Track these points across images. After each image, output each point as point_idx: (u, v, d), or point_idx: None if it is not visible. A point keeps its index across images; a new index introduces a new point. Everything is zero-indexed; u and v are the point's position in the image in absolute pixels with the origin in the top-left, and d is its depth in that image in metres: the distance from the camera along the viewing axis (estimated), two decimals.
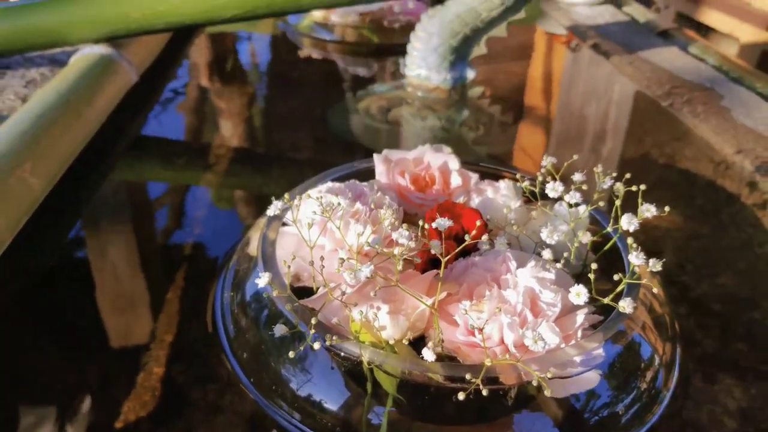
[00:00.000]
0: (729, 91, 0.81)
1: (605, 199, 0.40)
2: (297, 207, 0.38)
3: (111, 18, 0.71)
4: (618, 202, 0.38)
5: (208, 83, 0.90)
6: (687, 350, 0.43)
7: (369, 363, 0.32)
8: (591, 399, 0.35)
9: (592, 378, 0.32)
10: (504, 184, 0.45)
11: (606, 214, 0.43)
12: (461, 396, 0.29)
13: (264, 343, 0.38)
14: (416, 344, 0.34)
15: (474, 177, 0.47)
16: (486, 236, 0.37)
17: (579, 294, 0.32)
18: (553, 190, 0.39)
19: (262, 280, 0.34)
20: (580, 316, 0.33)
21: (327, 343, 0.32)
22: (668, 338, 0.41)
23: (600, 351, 0.33)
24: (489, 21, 0.71)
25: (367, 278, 0.31)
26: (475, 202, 0.45)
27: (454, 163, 0.48)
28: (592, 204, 0.40)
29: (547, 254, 0.37)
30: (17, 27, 0.73)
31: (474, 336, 0.32)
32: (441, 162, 0.48)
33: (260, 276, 0.35)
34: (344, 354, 0.33)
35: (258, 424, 0.37)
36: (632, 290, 0.36)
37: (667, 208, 0.37)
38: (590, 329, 0.34)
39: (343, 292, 0.33)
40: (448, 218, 0.38)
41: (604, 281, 0.36)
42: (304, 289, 0.38)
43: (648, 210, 0.36)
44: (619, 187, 0.39)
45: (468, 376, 0.30)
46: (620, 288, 0.34)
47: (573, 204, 0.39)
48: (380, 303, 0.32)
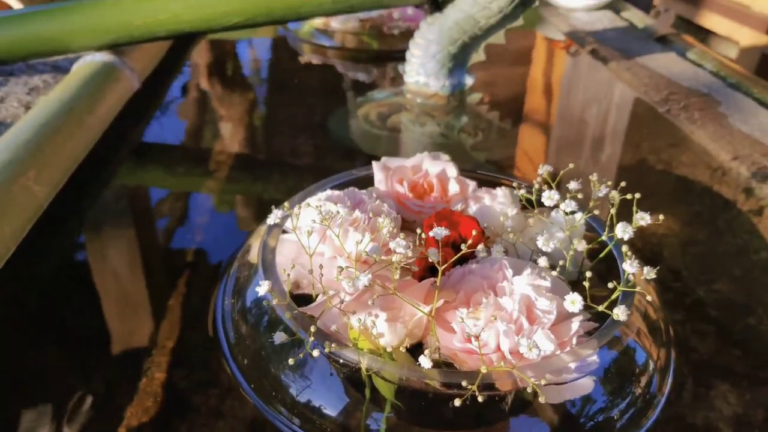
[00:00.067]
0: (726, 97, 0.81)
1: (603, 205, 0.40)
2: (296, 215, 0.39)
3: (113, 26, 0.72)
4: (613, 211, 0.38)
5: (209, 89, 0.91)
6: (683, 356, 0.43)
7: (367, 369, 0.33)
8: (587, 404, 0.36)
9: (587, 384, 0.33)
10: (501, 192, 0.46)
11: (602, 222, 0.44)
12: (458, 402, 0.30)
13: (264, 350, 0.39)
14: (414, 351, 0.35)
15: (471, 184, 0.48)
16: (482, 245, 0.38)
17: (574, 302, 0.33)
18: (549, 199, 0.40)
19: (263, 288, 0.35)
20: (575, 324, 0.34)
21: (326, 350, 0.33)
22: (663, 344, 0.41)
23: (594, 358, 0.33)
24: (487, 28, 0.72)
25: (366, 286, 0.32)
26: (473, 210, 0.45)
27: (452, 171, 0.48)
28: (588, 212, 0.40)
29: (543, 262, 0.38)
30: (20, 35, 0.73)
31: (471, 343, 0.33)
32: (439, 169, 0.48)
33: (261, 284, 0.35)
34: (343, 361, 0.34)
35: (258, 429, 0.37)
36: (627, 298, 0.36)
37: (662, 217, 0.38)
38: (585, 336, 0.35)
39: (342, 300, 0.34)
40: (446, 226, 0.39)
41: (602, 287, 0.37)
42: (304, 296, 0.38)
43: (642, 218, 0.37)
44: (615, 195, 0.40)
45: (464, 383, 0.30)
46: (615, 296, 0.35)
47: (569, 212, 0.40)
48: (378, 311, 0.33)
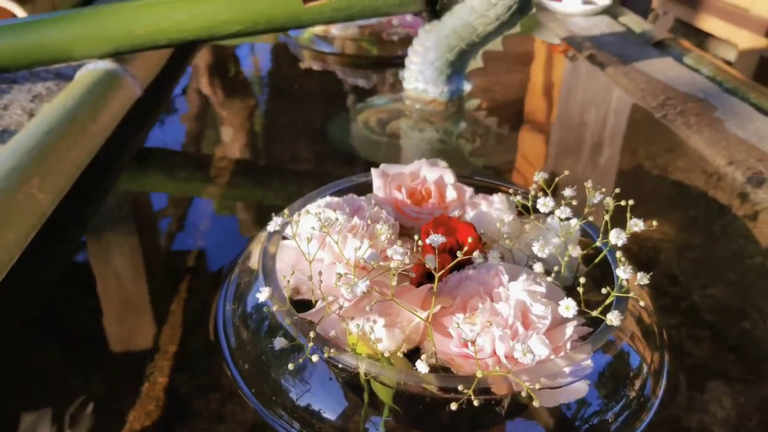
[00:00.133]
0: (722, 102, 0.82)
1: (599, 211, 0.41)
2: (296, 222, 0.40)
3: (115, 35, 0.73)
4: (607, 217, 0.39)
5: (210, 95, 0.92)
6: (678, 360, 0.44)
7: (366, 374, 0.34)
8: (582, 407, 0.37)
9: (581, 388, 0.34)
10: (498, 198, 0.47)
11: (597, 228, 0.44)
12: (454, 406, 0.30)
13: (264, 354, 0.39)
14: (411, 356, 0.35)
15: (468, 191, 0.49)
16: (477, 252, 0.39)
17: (568, 307, 0.34)
18: (544, 206, 0.40)
19: (263, 295, 0.35)
20: (570, 328, 0.35)
21: (325, 355, 0.33)
22: (656, 347, 0.42)
23: (588, 362, 0.34)
24: (485, 35, 0.73)
25: (364, 293, 0.33)
26: (470, 216, 0.46)
27: (450, 177, 0.49)
28: (582, 218, 0.41)
29: (539, 267, 0.39)
30: (24, 43, 0.74)
31: (467, 348, 0.33)
32: (437, 176, 0.49)
33: (261, 290, 0.36)
34: (342, 365, 0.34)
35: None
36: (620, 303, 0.37)
37: (655, 223, 0.39)
38: (580, 341, 0.36)
39: (341, 306, 0.34)
40: (444, 232, 0.40)
41: (597, 292, 0.37)
42: (304, 302, 0.39)
43: (636, 224, 0.38)
44: (609, 202, 0.40)
45: (460, 387, 0.31)
46: (609, 301, 0.36)
47: (564, 219, 0.41)
48: (376, 316, 0.34)
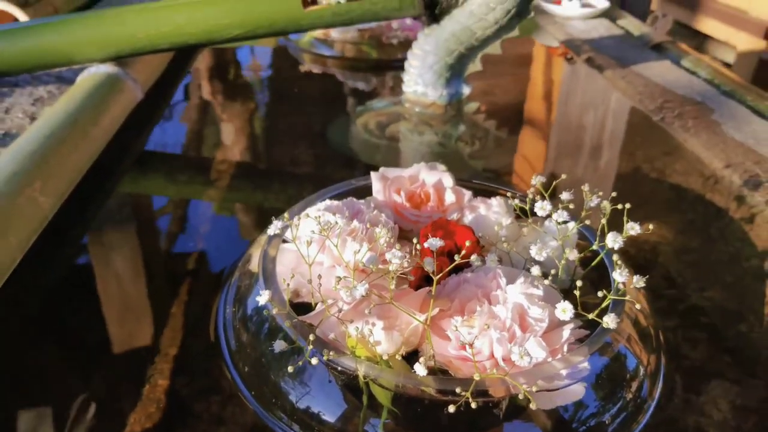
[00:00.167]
0: (720, 105, 0.82)
1: (597, 214, 0.41)
2: (296, 226, 0.40)
3: (116, 39, 0.73)
4: (604, 220, 0.39)
5: (211, 98, 0.92)
6: (674, 362, 0.44)
7: (365, 377, 0.34)
8: (579, 409, 0.37)
9: (578, 390, 0.34)
10: (496, 201, 0.47)
11: (594, 231, 0.45)
12: (452, 408, 0.31)
13: (264, 357, 0.40)
14: (410, 358, 0.36)
15: (467, 194, 0.49)
16: (475, 255, 0.39)
17: (565, 310, 0.34)
18: (542, 209, 0.41)
19: (263, 298, 0.36)
20: (567, 331, 0.35)
21: (324, 358, 0.34)
22: (653, 350, 0.42)
23: (585, 364, 0.34)
24: (483, 39, 0.73)
25: (363, 296, 0.33)
26: (468, 219, 0.46)
27: (448, 181, 0.49)
28: (580, 221, 0.41)
29: (536, 270, 0.39)
30: (25, 47, 0.75)
31: (465, 350, 0.34)
32: (435, 179, 0.49)
33: (261, 293, 0.36)
34: (341, 368, 0.35)
35: None
36: (617, 306, 0.37)
37: (651, 226, 0.39)
38: (577, 343, 0.36)
39: (340, 309, 0.35)
40: (442, 235, 0.40)
41: (595, 295, 0.38)
42: (303, 305, 0.39)
43: (632, 228, 0.38)
44: (606, 205, 0.41)
45: (458, 390, 0.31)
46: (605, 304, 0.36)
47: (561, 222, 0.41)
48: (375, 319, 0.34)
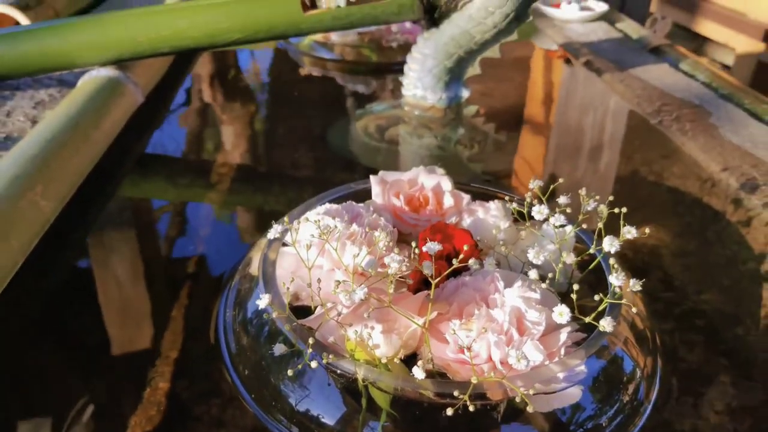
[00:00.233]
0: (717, 108, 0.83)
1: (595, 217, 0.42)
2: (296, 230, 0.40)
3: (117, 42, 0.74)
4: (600, 224, 0.40)
5: (211, 101, 0.93)
6: (671, 365, 0.45)
7: (364, 380, 0.34)
8: (576, 411, 0.37)
9: (575, 393, 0.34)
10: (494, 205, 0.47)
11: (592, 234, 0.45)
12: (450, 411, 0.31)
13: (264, 360, 0.40)
14: (409, 361, 0.36)
15: (466, 198, 0.49)
16: (473, 258, 0.39)
17: (562, 314, 0.34)
18: (539, 213, 0.41)
19: (263, 302, 0.36)
20: (564, 334, 0.35)
21: (324, 361, 0.34)
22: (649, 352, 0.43)
23: (582, 368, 0.34)
24: (482, 43, 0.73)
25: (362, 299, 0.33)
26: (467, 223, 0.47)
27: (447, 184, 0.50)
28: (577, 225, 0.42)
29: (534, 274, 0.39)
30: (27, 51, 0.75)
31: (463, 354, 0.34)
32: (434, 183, 0.50)
33: (261, 297, 0.37)
34: (340, 371, 0.35)
35: None
36: (614, 309, 0.38)
37: (648, 230, 0.39)
38: (574, 346, 0.36)
39: (339, 313, 0.35)
40: (441, 239, 0.41)
41: (592, 298, 0.38)
42: (303, 308, 0.40)
43: (629, 232, 0.38)
44: (603, 209, 0.41)
45: (456, 393, 0.32)
46: (602, 307, 0.36)
47: (558, 226, 0.41)
48: (374, 323, 0.34)
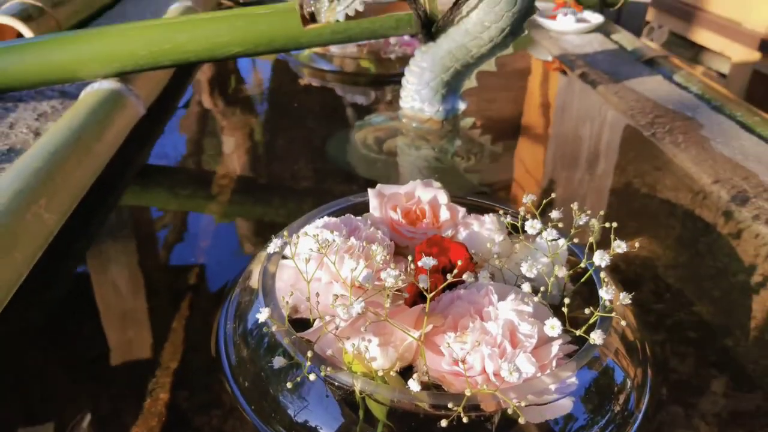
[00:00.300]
0: (709, 120, 0.84)
1: (589, 230, 0.43)
2: (295, 244, 0.41)
3: (119, 55, 0.75)
4: (591, 239, 0.41)
5: (212, 113, 0.94)
6: (662, 375, 0.46)
7: (361, 392, 0.35)
8: (568, 421, 0.38)
9: (566, 404, 0.35)
10: (489, 219, 0.48)
11: (584, 248, 0.46)
12: (444, 423, 0.32)
13: (264, 372, 0.41)
14: (405, 373, 0.37)
15: (461, 211, 0.50)
16: (467, 273, 0.40)
17: (553, 327, 0.35)
18: (532, 228, 0.42)
19: (263, 315, 0.37)
20: (555, 347, 0.36)
21: (322, 374, 0.35)
22: (640, 363, 0.43)
23: (573, 379, 0.35)
24: (479, 56, 0.75)
25: (359, 314, 0.34)
26: (462, 236, 0.48)
27: (443, 198, 0.51)
28: (569, 239, 0.43)
29: (527, 287, 0.40)
30: (30, 63, 0.76)
31: (458, 366, 0.35)
32: (431, 196, 0.51)
33: (261, 310, 0.38)
34: (338, 383, 0.36)
35: None
36: (604, 322, 0.39)
37: (638, 244, 0.41)
38: (565, 358, 0.37)
39: (337, 326, 0.36)
40: (437, 252, 0.42)
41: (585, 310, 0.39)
42: (302, 320, 0.41)
43: (619, 246, 0.40)
44: (594, 224, 0.42)
45: (450, 405, 0.33)
46: (593, 320, 0.37)
47: (551, 240, 0.42)
48: (371, 336, 0.35)
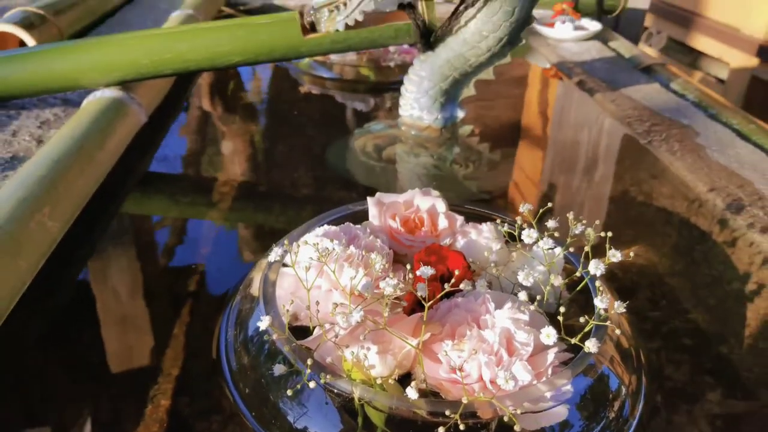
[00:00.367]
0: (705, 128, 0.85)
1: (586, 239, 0.43)
2: (295, 252, 0.42)
3: (121, 64, 0.76)
4: (587, 248, 0.42)
5: (212, 121, 0.95)
6: (657, 382, 0.46)
7: (360, 399, 0.36)
8: (564, 428, 0.39)
9: (561, 412, 0.36)
10: (486, 227, 0.49)
11: (580, 256, 0.47)
12: (442, 430, 0.32)
13: (264, 379, 0.41)
14: (403, 380, 0.38)
15: (459, 219, 0.51)
16: (465, 281, 0.41)
17: (549, 335, 0.36)
18: (528, 237, 0.43)
19: (264, 323, 0.38)
20: (551, 355, 0.37)
21: (322, 381, 0.35)
22: (634, 370, 0.44)
23: (569, 387, 0.36)
24: (477, 65, 0.76)
25: (358, 322, 0.35)
26: (460, 244, 0.48)
27: (441, 206, 0.51)
28: (565, 248, 0.43)
29: (523, 296, 0.41)
30: (32, 72, 0.77)
31: (455, 373, 0.35)
32: (429, 205, 0.51)
33: (261, 318, 0.38)
34: (337, 390, 0.36)
35: None
36: (600, 330, 0.39)
37: (632, 253, 0.41)
38: (561, 366, 0.38)
39: (337, 334, 0.37)
40: (435, 260, 0.42)
41: (582, 317, 0.40)
42: (302, 328, 0.41)
43: (614, 255, 0.40)
44: (590, 233, 0.43)
45: (448, 412, 0.33)
46: (588, 328, 0.38)
47: (547, 249, 0.43)
48: (370, 344, 0.36)
